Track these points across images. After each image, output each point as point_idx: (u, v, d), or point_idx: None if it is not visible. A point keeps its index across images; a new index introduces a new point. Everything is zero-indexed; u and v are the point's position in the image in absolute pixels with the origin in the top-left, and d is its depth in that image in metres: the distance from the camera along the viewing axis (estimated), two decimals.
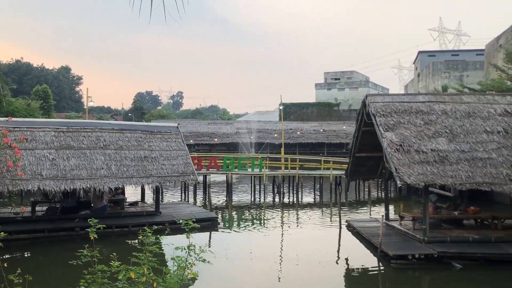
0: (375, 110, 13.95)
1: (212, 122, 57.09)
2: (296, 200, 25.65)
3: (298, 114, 68.20)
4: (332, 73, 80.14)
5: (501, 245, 12.38)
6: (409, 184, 12.22)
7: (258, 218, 20.73)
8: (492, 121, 13.74)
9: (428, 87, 58.97)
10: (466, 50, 69.95)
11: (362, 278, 11.97)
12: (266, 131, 51.38)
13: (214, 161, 26.63)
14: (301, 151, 49.18)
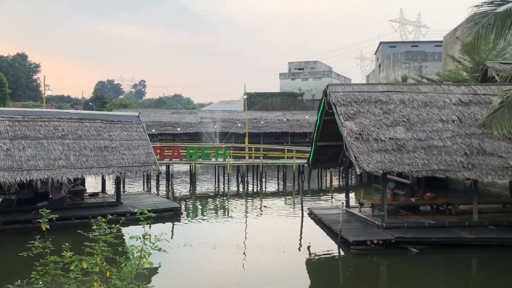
0: (336, 99, 14.16)
1: (175, 112, 56.44)
2: (260, 189, 25.82)
3: (263, 104, 68.42)
4: (296, 63, 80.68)
5: (455, 230, 12.90)
6: (368, 172, 12.53)
7: (222, 207, 20.75)
8: (447, 110, 14.21)
9: (389, 77, 60.33)
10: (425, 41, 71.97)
11: (323, 264, 12.24)
12: (230, 121, 51.32)
13: (177, 151, 26.38)
14: (266, 140, 49.43)
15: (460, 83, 19.81)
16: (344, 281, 11.04)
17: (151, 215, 5.00)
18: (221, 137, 47.30)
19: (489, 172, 12.60)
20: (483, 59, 28.79)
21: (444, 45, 48.52)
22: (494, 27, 15.25)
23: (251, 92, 68.81)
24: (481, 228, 13.04)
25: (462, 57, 33.71)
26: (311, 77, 74.24)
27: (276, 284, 10.32)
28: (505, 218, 13.90)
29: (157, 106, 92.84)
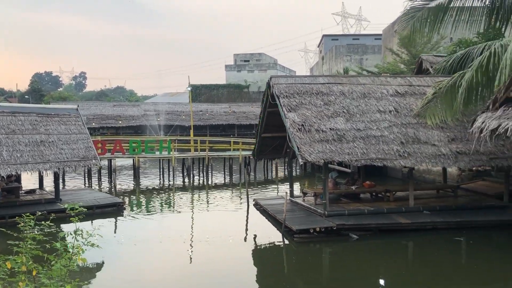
0: (279, 91, 14.33)
1: (118, 104, 54.80)
2: (206, 182, 25.71)
3: (209, 96, 67.98)
4: (241, 55, 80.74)
5: (392, 216, 13.49)
6: (310, 162, 12.81)
7: (167, 201, 20.48)
8: (384, 101, 14.77)
9: (331, 69, 61.79)
10: (366, 34, 74.28)
11: (268, 253, 12.43)
12: (175, 113, 50.56)
13: (119, 145, 25.67)
14: (212, 133, 49.19)
15: (397, 75, 20.65)
16: (288, 269, 11.27)
17: (83, 210, 4.82)
18: (165, 130, 46.54)
19: (423, 160, 13.25)
20: (419, 52, 30.17)
21: (383, 38, 50.31)
22: (427, 21, 15.99)
23: (196, 84, 68.13)
24: (417, 213, 13.73)
25: (399, 50, 35.14)
26: (257, 69, 74.61)
27: (224, 276, 10.36)
28: (438, 203, 14.72)
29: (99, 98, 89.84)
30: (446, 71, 16.65)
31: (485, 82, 12.86)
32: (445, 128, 14.08)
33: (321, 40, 79.58)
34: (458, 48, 20.57)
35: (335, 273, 10.80)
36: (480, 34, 19.80)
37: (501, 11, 15.43)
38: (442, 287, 9.57)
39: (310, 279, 10.34)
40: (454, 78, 13.72)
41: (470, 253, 12.00)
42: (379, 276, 10.38)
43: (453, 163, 13.43)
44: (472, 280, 9.94)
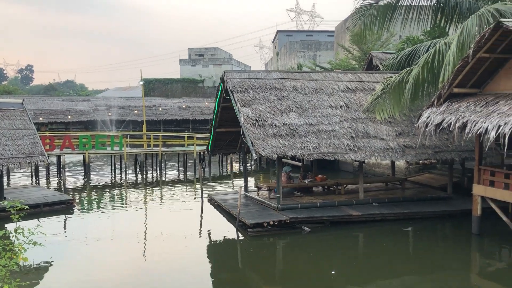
0: (233, 86, 14.33)
1: (67, 99, 52.86)
2: (160, 178, 25.35)
3: (163, 90, 66.90)
4: (196, 49, 79.93)
5: (343, 208, 13.86)
6: (264, 157, 12.91)
7: (120, 198, 20.03)
8: (336, 97, 15.09)
9: (286, 65, 62.39)
10: (319, 31, 75.40)
11: (223, 248, 12.44)
12: (128, 108, 49.44)
13: (69, 140, 24.80)
14: (166, 128, 48.51)
15: (348, 71, 21.14)
16: (242, 262, 11.33)
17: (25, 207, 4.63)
18: (117, 125, 45.41)
19: (372, 153, 13.67)
20: (370, 49, 30.98)
21: (335, 35, 51.33)
22: (377, 18, 16.48)
23: (149, 78, 66.86)
24: (367, 205, 14.17)
25: (351, 47, 35.97)
26: (212, 63, 74.10)
27: (178, 272, 10.29)
28: (387, 195, 15.25)
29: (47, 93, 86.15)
30: (394, 67, 17.23)
31: (431, 78, 13.43)
32: (393, 123, 14.58)
33: (275, 36, 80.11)
34: (406, 46, 21.33)
35: (289, 265, 10.96)
36: (426, 32, 20.61)
37: (445, 10, 16.12)
38: (391, 276, 9.95)
39: (264, 272, 10.47)
40: (401, 74, 14.23)
41: (416, 242, 12.50)
42: (331, 267, 10.63)
43: (401, 156, 13.94)
44: (418, 268, 10.38)
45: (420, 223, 13.58)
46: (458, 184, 15.96)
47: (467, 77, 11.63)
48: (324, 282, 9.71)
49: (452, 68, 11.82)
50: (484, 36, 10.60)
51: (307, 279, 9.81)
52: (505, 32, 10.31)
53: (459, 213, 13.80)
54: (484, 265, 10.96)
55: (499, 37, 10.62)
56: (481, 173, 11.85)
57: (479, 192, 11.86)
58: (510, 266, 10.91)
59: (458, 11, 15.72)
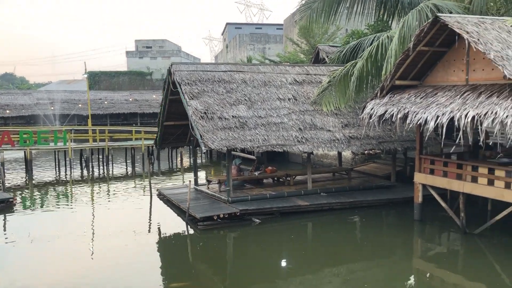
0: (180, 78, 14.14)
1: (6, 92, 50.07)
2: (106, 173, 24.65)
3: (109, 83, 64.93)
4: (143, 41, 78.08)
5: (292, 199, 14.09)
6: (213, 149, 12.86)
7: (64, 195, 19.31)
8: (284, 89, 15.26)
9: (236, 58, 62.30)
10: (268, 24, 75.74)
11: (173, 242, 12.31)
12: (72, 102, 47.55)
13: (8, 136, 23.56)
14: (113, 122, 47.12)
15: (295, 64, 21.42)
16: (193, 257, 11.27)
17: None
18: (61, 119, 43.64)
19: (319, 145, 13.97)
20: (317, 42, 31.51)
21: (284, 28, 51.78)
22: (323, 11, 16.76)
23: (95, 71, 64.64)
24: (315, 195, 14.48)
25: (299, 40, 36.42)
26: (160, 56, 72.69)
27: (128, 269, 10.07)
28: (334, 185, 15.64)
29: None
30: (340, 60, 17.64)
31: (374, 71, 13.87)
32: (339, 114, 14.95)
33: (224, 28, 79.66)
34: (351, 39, 21.86)
35: (239, 257, 11.02)
36: (370, 26, 21.20)
37: (388, 5, 16.65)
38: (339, 263, 10.24)
39: (215, 264, 10.47)
40: (346, 67, 14.60)
41: (362, 230, 12.93)
42: (281, 257, 10.82)
43: (346, 147, 14.33)
44: (364, 255, 10.74)
45: (365, 211, 14.05)
46: (401, 172, 16.62)
47: (408, 69, 12.09)
48: (274, 272, 9.86)
49: (394, 61, 12.27)
50: (423, 30, 11.05)
51: (258, 269, 9.91)
52: (442, 26, 10.80)
53: (402, 200, 14.40)
54: (426, 250, 11.51)
55: (437, 31, 11.11)
56: (422, 162, 12.40)
57: (420, 180, 12.41)
58: (449, 249, 11.53)
59: (400, 5, 16.30)
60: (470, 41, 9.89)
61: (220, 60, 78.24)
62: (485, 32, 10.24)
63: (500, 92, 9.53)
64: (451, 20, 10.46)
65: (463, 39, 10.20)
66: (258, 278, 9.48)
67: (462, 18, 10.78)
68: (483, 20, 10.83)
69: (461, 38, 10.35)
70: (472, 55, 10.80)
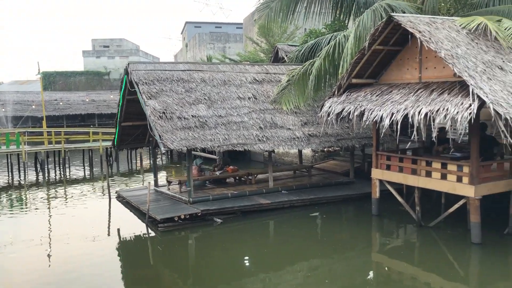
0: (138, 78, 13.89)
1: None
2: (63, 177, 23.90)
3: (65, 84, 63.01)
4: (100, 40, 76.14)
5: (254, 197, 14.13)
6: (173, 150, 12.72)
7: (19, 200, 18.57)
8: (244, 88, 15.27)
9: (195, 57, 61.81)
10: (228, 23, 75.46)
11: (133, 245, 12.07)
12: (25, 103, 45.75)
13: None
14: (70, 123, 45.74)
15: (255, 63, 21.50)
16: (154, 259, 11.10)
17: None
18: (14, 121, 41.91)
19: (280, 143, 14.07)
20: (276, 41, 31.75)
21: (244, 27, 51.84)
22: (281, 11, 16.89)
23: (49, 71, 62.55)
24: (276, 193, 14.58)
25: (259, 39, 36.57)
26: (118, 55, 71.14)
27: (87, 275, 9.75)
28: (294, 183, 15.80)
29: None
30: (298, 59, 17.84)
31: (332, 69, 14.11)
32: (298, 113, 15.11)
33: (184, 27, 78.81)
34: (309, 38, 22.12)
35: (202, 257, 10.93)
36: (327, 26, 21.54)
37: (344, 5, 16.96)
38: (300, 259, 10.34)
39: (177, 266, 10.36)
40: (305, 66, 14.78)
41: (323, 226, 13.13)
42: (243, 256, 10.82)
43: (306, 145, 14.51)
44: (325, 251, 10.91)
45: (325, 207, 14.28)
46: (360, 169, 16.99)
47: (364, 68, 12.37)
48: (236, 271, 9.86)
49: (350, 59, 12.51)
50: (378, 29, 11.33)
51: (221, 269, 9.88)
52: (396, 25, 11.10)
53: (360, 196, 14.73)
54: (384, 243, 11.82)
55: (391, 31, 11.41)
56: (379, 158, 12.72)
57: (377, 175, 12.72)
58: (406, 242, 11.89)
59: (356, 5, 16.64)
60: (422, 40, 10.22)
61: (179, 59, 77.35)
62: (436, 31, 10.60)
63: (451, 89, 9.89)
64: (404, 20, 10.77)
65: (416, 38, 10.52)
66: (220, 278, 9.45)
67: (414, 17, 11.12)
68: (434, 20, 11.20)
69: (414, 37, 10.67)
70: (424, 54, 11.16)
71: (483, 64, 9.91)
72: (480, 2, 15.10)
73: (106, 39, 76.91)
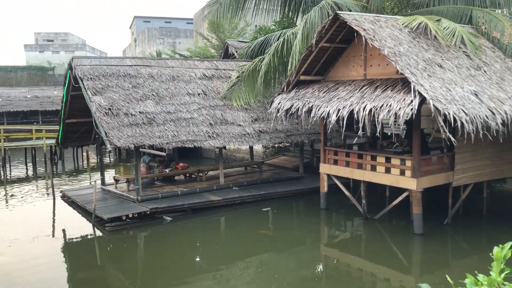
0: (82, 73, 13.43)
1: None
2: (4, 176, 22.71)
3: (5, 79, 59.75)
4: (44, 34, 72.92)
5: (205, 194, 14.04)
6: (120, 147, 12.40)
7: None
8: (193, 84, 15.10)
9: (145, 52, 60.51)
10: (178, 18, 74.29)
11: (80, 246, 11.68)
12: None
13: None
14: (11, 120, 43.52)
15: (205, 58, 21.32)
16: (101, 259, 10.79)
17: None
18: None
19: (230, 139, 14.05)
20: (227, 37, 31.61)
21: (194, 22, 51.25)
22: (230, 7, 16.83)
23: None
24: (227, 190, 14.56)
25: (209, 35, 36.27)
26: (63, 50, 68.42)
27: (32, 278, 9.31)
28: (245, 179, 15.84)
29: None
30: (248, 56, 17.86)
31: (280, 66, 14.23)
32: (249, 109, 15.14)
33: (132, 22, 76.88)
34: (259, 35, 22.19)
35: (151, 257, 10.74)
36: (277, 23, 21.68)
37: (292, 3, 17.13)
38: (251, 255, 10.39)
39: (126, 266, 10.11)
40: (255, 62, 14.82)
41: (274, 221, 13.24)
42: (194, 253, 10.72)
43: (257, 141, 14.58)
44: (276, 245, 11.02)
45: (276, 202, 14.42)
46: (309, 164, 17.28)
47: (312, 65, 12.56)
48: (187, 269, 9.76)
49: (298, 56, 12.66)
50: (325, 27, 11.52)
51: (171, 268, 9.76)
52: (342, 23, 11.33)
53: (309, 190, 14.98)
54: (332, 236, 12.10)
55: (337, 28, 11.65)
56: (326, 153, 12.97)
57: (325, 170, 12.98)
58: (353, 235, 12.23)
59: (304, 3, 16.84)
60: (367, 38, 10.49)
61: (128, 54, 75.36)
62: (380, 29, 10.93)
63: (394, 86, 10.24)
64: (349, 18, 11.02)
65: (361, 36, 10.79)
66: (171, 276, 9.32)
67: (359, 16, 11.40)
68: (378, 18, 11.54)
69: (359, 35, 10.94)
70: (369, 51, 11.47)
71: (424, 62, 10.32)
72: (422, 2, 15.71)
73: (50, 33, 73.76)
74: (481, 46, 12.09)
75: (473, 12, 13.42)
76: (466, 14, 13.69)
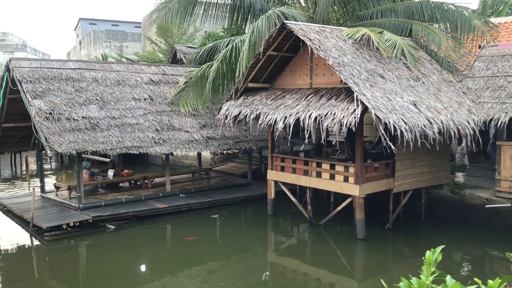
0: (21, 76, 12.82)
1: None
2: None
3: None
4: None
5: (150, 202, 13.76)
6: (61, 153, 11.92)
7: None
8: (139, 89, 14.81)
9: (90, 55, 58.72)
10: (126, 21, 72.74)
11: (16, 257, 11.08)
12: None
13: None
14: None
15: (151, 63, 21.01)
16: (39, 270, 10.28)
17: None
18: None
19: (177, 146, 13.88)
20: (176, 42, 31.27)
21: (142, 26, 50.33)
22: (179, 12, 16.69)
23: None
24: (173, 197, 14.36)
25: (158, 39, 35.75)
26: (1, 50, 65.01)
27: None
28: (193, 186, 15.70)
29: None
30: (197, 61, 17.76)
31: (229, 73, 14.25)
32: (196, 115, 15.04)
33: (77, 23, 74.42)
34: (208, 41, 22.16)
35: (94, 267, 10.36)
36: (226, 29, 21.74)
37: (241, 10, 17.25)
38: (198, 263, 10.25)
39: (66, 277, 9.68)
40: (203, 68, 14.76)
41: (221, 228, 13.18)
42: (138, 262, 10.46)
43: (205, 148, 14.49)
44: (223, 252, 10.96)
45: (224, 209, 14.37)
46: (257, 171, 17.39)
47: (260, 73, 12.67)
48: (131, 279, 9.48)
49: (246, 64, 12.74)
50: (272, 36, 11.67)
51: (114, 278, 9.44)
52: (289, 33, 11.53)
53: (257, 197, 15.06)
54: (279, 242, 12.20)
55: (284, 37, 11.83)
56: (274, 160, 13.11)
57: (272, 177, 13.11)
58: (299, 240, 12.40)
59: (252, 11, 16.98)
60: (313, 47, 10.73)
61: (73, 57, 72.83)
62: (325, 40, 11.21)
63: (338, 95, 10.53)
64: (296, 27, 11.23)
65: (307, 46, 11.03)
66: (113, 286, 9.03)
67: (306, 26, 11.65)
68: (324, 29, 11.85)
69: (305, 44, 11.18)
70: (315, 61, 11.74)
71: (366, 72, 10.70)
72: (366, 15, 16.28)
73: None
74: (420, 58, 12.70)
75: (413, 26, 14.07)
76: (407, 27, 14.33)
